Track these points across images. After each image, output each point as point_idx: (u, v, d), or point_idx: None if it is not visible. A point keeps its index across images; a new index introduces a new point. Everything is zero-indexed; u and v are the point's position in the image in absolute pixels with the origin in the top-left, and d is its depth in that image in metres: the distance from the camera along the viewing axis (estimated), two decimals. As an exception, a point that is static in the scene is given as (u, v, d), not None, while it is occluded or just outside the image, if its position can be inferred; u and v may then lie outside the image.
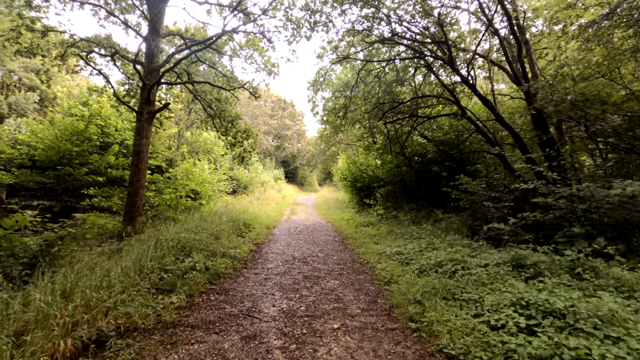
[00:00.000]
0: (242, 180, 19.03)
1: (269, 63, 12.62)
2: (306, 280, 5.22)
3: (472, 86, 9.68)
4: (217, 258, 5.78)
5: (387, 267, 5.72)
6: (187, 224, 7.24)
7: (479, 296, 4.02)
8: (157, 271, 4.57)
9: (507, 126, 9.64)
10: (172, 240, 5.77)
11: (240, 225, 9.29)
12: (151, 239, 5.52)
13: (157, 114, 8.58)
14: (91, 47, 9.83)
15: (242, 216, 10.91)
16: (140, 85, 8.77)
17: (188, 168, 13.30)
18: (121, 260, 4.45)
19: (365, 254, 7.06)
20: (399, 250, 6.68)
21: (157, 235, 5.79)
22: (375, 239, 8.65)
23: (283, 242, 8.43)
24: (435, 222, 10.85)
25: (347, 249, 7.80)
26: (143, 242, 5.50)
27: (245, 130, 11.56)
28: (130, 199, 7.71)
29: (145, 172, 7.97)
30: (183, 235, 6.19)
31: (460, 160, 11.86)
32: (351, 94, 11.49)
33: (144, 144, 7.89)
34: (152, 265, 4.59)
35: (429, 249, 6.62)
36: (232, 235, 7.94)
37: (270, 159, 31.35)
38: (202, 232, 6.79)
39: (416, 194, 12.50)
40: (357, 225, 11.28)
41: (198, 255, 5.46)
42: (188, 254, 5.66)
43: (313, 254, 7.09)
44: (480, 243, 6.86)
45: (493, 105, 9.66)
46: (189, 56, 8.10)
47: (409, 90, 12.43)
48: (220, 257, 5.85)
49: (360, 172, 14.95)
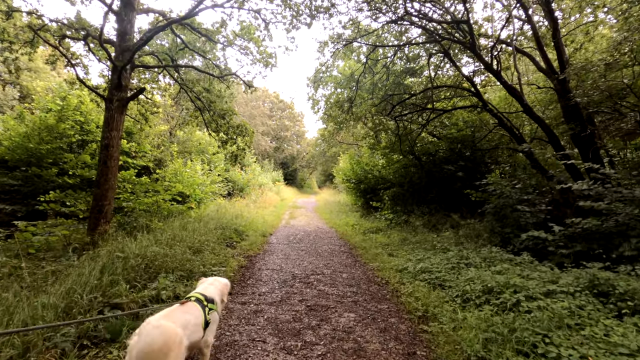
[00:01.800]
0: (238, 182, 17.59)
1: (265, 53, 11.25)
2: (311, 313, 3.78)
3: (497, 73, 8.31)
4: (194, 281, 4.34)
5: (416, 292, 4.30)
6: (164, 234, 5.80)
7: (572, 347, 2.61)
8: (98, 307, 3.14)
9: (537, 119, 8.28)
10: (136, 258, 4.34)
11: (231, 233, 7.85)
12: (104, 257, 4.09)
13: (131, 101, 7.16)
14: (63, 31, 8.44)
15: (235, 222, 9.48)
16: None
17: (177, 169, 11.90)
18: (44, 294, 3.01)
19: (381, 270, 5.63)
20: (425, 266, 5.25)
21: (117, 251, 4.35)
22: (389, 249, 7.23)
23: (281, 253, 7.00)
24: (452, 227, 9.46)
25: (358, 262, 6.37)
26: (97, 261, 4.08)
27: (238, 126, 10.14)
28: (96, 203, 6.27)
29: (115, 171, 6.54)
30: (153, 249, 4.75)
31: (474, 159, 10.48)
32: (357, 86, 10.08)
33: (114, 137, 6.46)
34: (91, 298, 3.16)
35: (461, 264, 5.20)
36: (220, 247, 6.50)
37: (269, 160, 29.91)
38: (179, 244, 5.35)
39: (428, 196, 11.09)
40: (364, 231, 9.86)
41: (165, 279, 4.02)
42: (154, 276, 4.22)
43: (317, 271, 5.66)
44: (523, 257, 5.44)
45: (521, 95, 8.28)
46: (166, 28, 6.70)
47: (419, 82, 11.05)
48: (196, 280, 4.40)
49: (365, 172, 13.53)
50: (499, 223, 7.55)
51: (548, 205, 7.12)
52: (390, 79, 10.16)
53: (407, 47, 9.92)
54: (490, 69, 8.32)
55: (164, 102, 14.85)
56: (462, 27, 8.39)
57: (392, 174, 12.37)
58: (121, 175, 7.64)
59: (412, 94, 9.82)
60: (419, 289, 4.41)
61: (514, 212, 7.17)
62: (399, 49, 9.40)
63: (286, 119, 37.59)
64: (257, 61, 11.50)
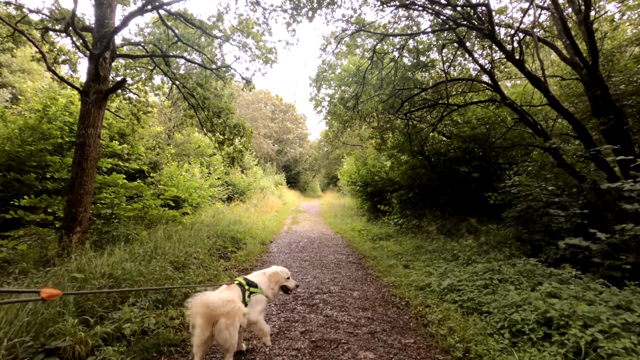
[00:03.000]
0: (238, 186, 16.74)
1: (264, 49, 10.43)
2: (316, 353, 2.88)
3: (520, 63, 7.41)
4: (169, 308, 3.45)
5: (448, 320, 3.39)
6: (143, 245, 4.93)
7: None
8: (26, 355, 2.27)
9: (565, 113, 7.36)
10: (100, 279, 3.47)
11: (226, 242, 6.96)
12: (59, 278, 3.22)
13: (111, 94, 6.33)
14: (45, 23, 7.68)
15: (232, 228, 8.61)
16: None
17: (172, 172, 11.08)
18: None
19: (398, 286, 4.72)
20: (452, 283, 4.34)
21: (76, 271, 3.48)
22: (403, 259, 6.32)
23: (282, 264, 6.09)
24: (470, 232, 8.56)
25: (370, 276, 5.46)
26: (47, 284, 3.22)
27: (235, 126, 9.29)
28: (69, 210, 5.41)
29: (93, 174, 5.69)
30: (125, 266, 3.88)
31: (487, 159, 9.59)
32: (364, 80, 9.20)
33: (90, 135, 5.62)
34: (16, 343, 2.28)
35: (494, 280, 4.28)
36: (211, 259, 5.62)
37: (271, 163, 29.06)
38: (158, 258, 4.47)
39: (440, 199, 10.18)
40: (372, 237, 8.95)
41: (131, 308, 3.14)
42: (121, 301, 3.34)
43: (323, 288, 4.75)
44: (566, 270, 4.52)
45: (547, 87, 7.38)
46: (147, 6, 5.86)
47: (429, 77, 10.18)
48: (175, 308, 3.51)
49: (371, 175, 12.62)
50: (526, 229, 6.65)
51: (583, 208, 6.19)
52: (399, 74, 9.30)
53: (418, 38, 9.06)
54: (512, 59, 7.43)
55: (160, 102, 14.07)
56: (479, 11, 7.53)
57: (400, 176, 11.47)
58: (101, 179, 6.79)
59: (424, 88, 8.94)
60: (450, 314, 3.51)
61: (544, 216, 6.27)
62: (410, 38, 8.51)
63: (288, 121, 36.72)
64: (256, 57, 10.69)
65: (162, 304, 3.51)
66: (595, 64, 6.57)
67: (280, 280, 3.07)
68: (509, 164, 10.22)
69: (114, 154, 10.41)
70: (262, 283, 2.94)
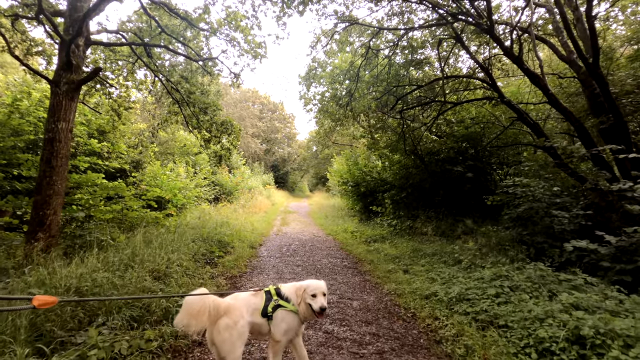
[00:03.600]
0: (226, 186, 16.14)
1: (254, 43, 9.93)
2: (319, 379, 2.47)
3: (518, 59, 7.15)
4: (145, 328, 2.96)
5: (463, 336, 3.02)
6: (120, 252, 4.40)
7: None
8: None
9: (564, 111, 7.15)
10: (65, 294, 2.96)
11: (212, 246, 6.45)
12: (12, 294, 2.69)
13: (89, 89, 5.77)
14: (14, 10, 7.06)
15: (219, 231, 8.09)
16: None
17: (155, 171, 10.46)
18: None
19: (400, 295, 4.33)
20: (460, 291, 3.97)
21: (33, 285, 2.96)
22: (401, 263, 5.95)
23: (272, 271, 5.65)
24: (466, 234, 8.30)
25: (368, 283, 5.06)
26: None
27: (222, 123, 8.77)
28: (35, 213, 4.83)
29: (64, 173, 5.11)
30: (96, 276, 3.37)
31: (481, 158, 9.37)
32: (357, 77, 8.81)
33: (61, 130, 5.04)
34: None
35: (505, 288, 3.93)
36: (196, 265, 5.12)
37: (259, 163, 28.43)
38: (136, 267, 3.95)
39: (435, 199, 9.89)
40: (366, 239, 8.58)
41: (96, 331, 2.64)
42: (88, 321, 2.84)
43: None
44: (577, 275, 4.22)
45: (546, 84, 7.15)
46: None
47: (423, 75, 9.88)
48: (152, 327, 3.02)
49: (363, 174, 12.26)
50: (526, 230, 6.38)
51: (586, 209, 5.95)
52: (392, 71, 8.96)
53: (412, 34, 8.74)
54: (511, 55, 7.17)
55: (143, 99, 13.37)
56: (477, 5, 7.28)
57: (392, 176, 11.14)
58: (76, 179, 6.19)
59: (419, 85, 8.62)
60: (464, 329, 3.14)
61: (546, 217, 6.01)
62: (406, 33, 8.17)
63: (276, 120, 36.06)
64: (245, 52, 10.19)
65: (137, 322, 3.02)
66: (596, 61, 6.34)
67: (304, 295, 2.42)
68: (501, 164, 10.03)
69: (92, 153, 9.75)
70: (294, 297, 2.44)
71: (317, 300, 2.37)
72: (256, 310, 2.35)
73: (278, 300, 2.38)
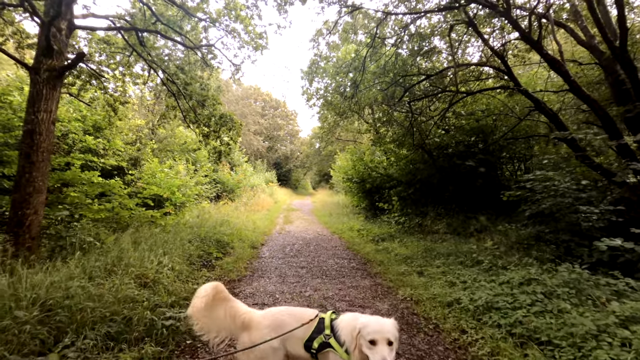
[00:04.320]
0: (227, 184, 15.67)
1: (254, 33, 9.42)
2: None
3: (537, 44, 6.62)
4: (122, 348, 2.47)
5: (498, 355, 2.52)
6: (104, 256, 3.92)
7: None
8: None
9: (586, 99, 6.62)
10: (26, 308, 2.48)
11: (210, 247, 5.97)
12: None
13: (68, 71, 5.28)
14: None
15: (219, 230, 7.62)
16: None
17: (154, 168, 10.00)
18: None
19: (418, 302, 3.83)
20: (487, 298, 3.45)
21: None
22: (414, 264, 5.44)
23: (274, 274, 5.16)
24: (479, 231, 7.81)
25: (380, 287, 4.55)
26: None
27: (221, 116, 8.27)
28: (14, 213, 4.36)
29: (45, 168, 4.63)
30: (71, 285, 2.89)
31: (492, 152, 8.84)
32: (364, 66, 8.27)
33: (42, 121, 4.56)
34: None
35: (538, 294, 3.42)
36: (191, 268, 4.64)
37: (262, 161, 27.93)
38: (120, 272, 3.47)
39: (444, 195, 9.37)
40: (374, 238, 8.07)
41: (56, 356, 2.16)
42: (55, 340, 2.37)
43: (329, 306, 3.83)
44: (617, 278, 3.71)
45: (567, 70, 6.60)
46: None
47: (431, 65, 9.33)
48: (132, 347, 2.53)
49: (369, 170, 11.73)
50: (548, 228, 5.86)
51: (615, 204, 5.42)
52: (399, 61, 8.41)
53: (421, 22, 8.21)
54: (529, 39, 6.64)
55: (141, 93, 12.90)
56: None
57: (398, 172, 10.61)
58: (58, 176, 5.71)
59: (429, 75, 8.07)
60: (500, 346, 2.63)
61: (571, 214, 5.50)
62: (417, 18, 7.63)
63: (279, 117, 35.49)
64: (245, 44, 9.68)
65: (115, 340, 2.54)
66: (623, 43, 5.77)
67: (359, 340, 1.68)
68: (511, 158, 9.49)
69: (87, 150, 9.31)
70: (349, 338, 1.74)
71: (376, 352, 1.60)
72: (299, 340, 1.83)
73: (329, 338, 1.77)
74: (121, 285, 3.19)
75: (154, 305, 3.15)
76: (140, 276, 3.61)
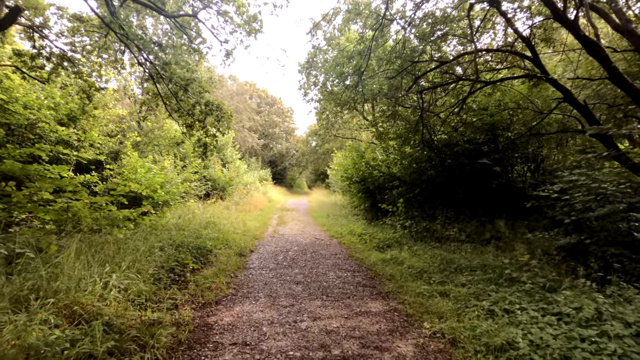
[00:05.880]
0: (218, 181, 14.55)
1: (247, 15, 8.36)
2: None
3: (573, 25, 5.65)
4: None
5: None
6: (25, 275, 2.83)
7: None
8: None
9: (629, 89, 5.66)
10: None
11: (187, 255, 4.89)
12: None
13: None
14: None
15: (202, 233, 6.55)
16: None
17: (133, 163, 8.90)
18: None
19: (456, 342, 2.79)
20: (557, 345, 2.46)
21: None
22: (432, 280, 4.42)
23: (262, 292, 4.10)
24: (496, 238, 6.86)
25: (397, 314, 3.52)
26: None
27: (207, 104, 7.18)
28: None
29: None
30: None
31: (503, 150, 7.91)
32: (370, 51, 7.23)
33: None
34: None
35: (625, 338, 2.44)
36: (156, 287, 3.57)
37: (257, 158, 26.79)
38: (38, 303, 2.40)
39: (455, 197, 8.38)
40: (378, 244, 7.04)
41: None
42: None
43: (333, 347, 2.79)
44: None
45: (607, 55, 5.63)
46: None
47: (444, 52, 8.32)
48: None
49: (370, 169, 10.70)
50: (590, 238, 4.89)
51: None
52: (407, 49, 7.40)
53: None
54: (564, 19, 5.68)
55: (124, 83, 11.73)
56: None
57: (402, 171, 9.61)
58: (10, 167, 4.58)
59: (442, 62, 7.07)
60: None
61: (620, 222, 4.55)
62: None
63: (275, 114, 34.26)
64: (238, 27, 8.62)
65: None
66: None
67: None
68: (521, 157, 8.49)
69: (59, 141, 8.20)
70: None
71: None
72: None
73: None
74: (30, 327, 2.11)
75: (86, 352, 2.07)
76: (70, 306, 2.53)
